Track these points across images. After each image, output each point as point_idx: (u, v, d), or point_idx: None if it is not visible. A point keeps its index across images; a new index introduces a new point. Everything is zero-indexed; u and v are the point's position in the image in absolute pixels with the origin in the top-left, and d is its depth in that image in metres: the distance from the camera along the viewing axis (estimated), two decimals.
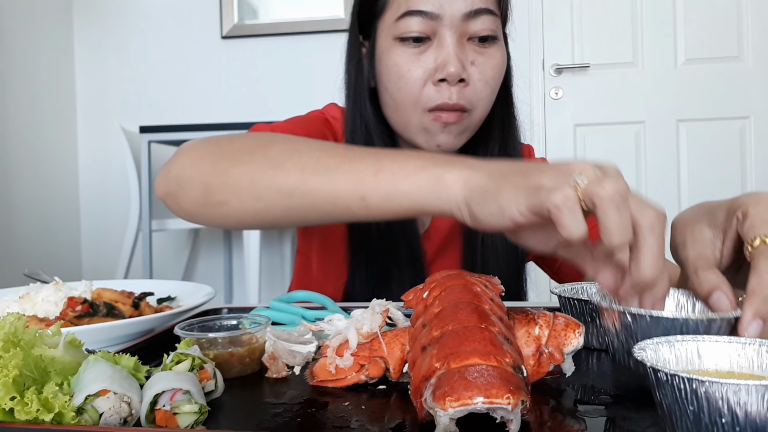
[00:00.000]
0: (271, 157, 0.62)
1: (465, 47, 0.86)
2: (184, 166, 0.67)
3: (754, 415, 0.34)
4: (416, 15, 0.84)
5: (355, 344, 0.54)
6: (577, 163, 0.48)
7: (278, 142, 0.65)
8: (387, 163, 0.57)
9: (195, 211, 0.67)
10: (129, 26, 3.23)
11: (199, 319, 0.62)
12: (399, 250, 0.92)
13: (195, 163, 0.67)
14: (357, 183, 0.57)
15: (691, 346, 0.44)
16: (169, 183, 0.68)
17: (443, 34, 0.84)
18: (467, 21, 0.84)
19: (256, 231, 2.61)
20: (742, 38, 2.91)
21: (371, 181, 0.56)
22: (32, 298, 0.83)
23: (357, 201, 0.57)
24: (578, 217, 0.45)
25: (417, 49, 0.86)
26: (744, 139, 2.93)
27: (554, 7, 3.03)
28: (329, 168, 0.59)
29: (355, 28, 0.95)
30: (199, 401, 0.44)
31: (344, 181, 0.57)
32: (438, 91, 0.85)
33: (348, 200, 0.57)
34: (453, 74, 0.83)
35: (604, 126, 2.98)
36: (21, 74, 2.88)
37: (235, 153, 0.65)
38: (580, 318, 0.64)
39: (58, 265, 3.04)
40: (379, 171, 0.56)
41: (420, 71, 0.85)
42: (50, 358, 0.46)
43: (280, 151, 0.62)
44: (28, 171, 2.91)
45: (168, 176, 0.68)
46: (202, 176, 0.65)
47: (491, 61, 0.88)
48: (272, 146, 0.64)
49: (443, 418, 0.38)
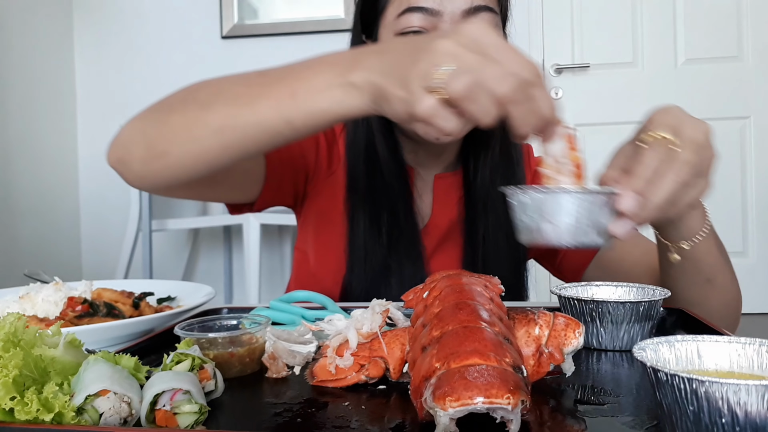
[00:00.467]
0: (200, 101, 0.66)
1: None
2: (126, 131, 0.73)
3: (754, 415, 0.34)
4: (417, 11, 0.85)
5: (355, 344, 0.54)
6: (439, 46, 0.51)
7: (204, 86, 0.69)
8: (299, 83, 0.60)
9: (142, 170, 0.71)
10: (129, 26, 3.23)
11: (199, 319, 0.62)
12: (399, 245, 0.93)
13: (135, 124, 0.72)
14: (279, 109, 0.61)
15: (691, 346, 0.44)
16: (116, 149, 0.73)
17: (444, 28, 0.85)
18: (467, 17, 0.86)
19: (256, 231, 2.61)
20: (742, 38, 2.91)
21: (291, 104, 0.60)
22: (32, 298, 0.83)
23: (284, 125, 0.61)
24: (446, 116, 0.52)
25: None
26: (744, 139, 2.93)
27: (554, 7, 3.03)
28: (252, 99, 0.62)
29: (357, 26, 0.96)
30: (199, 401, 0.44)
31: (267, 108, 0.61)
32: None
33: (276, 126, 0.62)
34: None
35: (604, 126, 2.98)
36: (21, 74, 2.88)
37: (169, 105, 0.70)
38: (580, 318, 0.64)
39: (58, 265, 3.04)
40: (294, 93, 0.60)
41: None
42: (50, 358, 0.46)
43: (206, 94, 0.67)
44: (29, 171, 2.91)
45: (115, 144, 0.73)
46: (143, 133, 0.70)
47: None
48: (199, 91, 0.68)
49: (443, 418, 0.38)
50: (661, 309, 0.68)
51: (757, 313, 2.92)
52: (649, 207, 0.56)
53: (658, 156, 0.58)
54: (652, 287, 0.68)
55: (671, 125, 0.59)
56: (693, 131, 0.59)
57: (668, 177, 0.57)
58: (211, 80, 0.70)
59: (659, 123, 0.60)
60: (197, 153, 0.67)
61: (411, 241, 0.94)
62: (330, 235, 0.98)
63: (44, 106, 3.05)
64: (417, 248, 0.94)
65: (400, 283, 0.91)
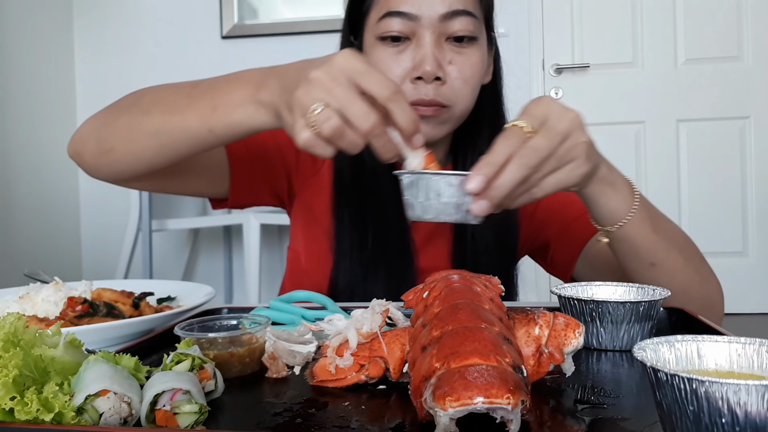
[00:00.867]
0: (142, 106, 0.79)
1: (443, 47, 0.89)
2: (83, 127, 0.85)
3: (754, 415, 0.34)
4: (396, 16, 0.87)
5: (355, 344, 0.54)
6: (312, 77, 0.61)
7: (148, 92, 0.81)
8: (220, 98, 0.71)
9: (94, 162, 0.83)
10: (129, 26, 3.23)
11: (199, 319, 0.62)
12: (387, 239, 0.94)
13: (91, 122, 0.84)
14: (203, 119, 0.72)
15: (691, 346, 0.44)
16: (74, 143, 0.85)
17: (422, 34, 0.87)
18: (445, 22, 0.88)
19: (256, 231, 2.61)
20: (742, 38, 2.91)
21: (213, 116, 0.71)
22: (32, 298, 0.83)
23: (207, 133, 0.73)
24: (322, 147, 0.61)
25: (396, 49, 0.89)
26: (744, 139, 2.93)
27: (554, 7, 3.03)
28: (182, 108, 0.74)
29: (346, 27, 0.99)
30: (199, 401, 0.44)
31: (193, 118, 0.73)
32: (415, 88, 0.88)
33: (201, 133, 0.73)
34: (428, 73, 0.86)
35: (604, 126, 2.98)
36: (21, 74, 2.88)
37: (118, 108, 0.83)
38: (580, 318, 0.64)
39: (58, 265, 3.04)
40: (216, 107, 0.71)
41: (399, 69, 0.88)
42: (50, 358, 0.46)
43: (148, 100, 0.79)
44: (29, 171, 2.91)
45: (74, 138, 0.85)
46: (96, 131, 0.83)
47: (469, 60, 0.90)
48: (143, 97, 0.80)
49: (443, 418, 0.38)
50: (661, 309, 0.68)
51: (757, 313, 2.92)
52: (496, 188, 0.61)
53: (508, 143, 0.62)
54: (652, 287, 0.68)
55: (536, 115, 0.64)
56: (555, 120, 0.64)
57: (514, 161, 0.61)
58: (154, 87, 0.82)
59: (526, 113, 0.65)
60: (137, 152, 0.79)
61: (399, 235, 0.95)
62: (318, 230, 0.99)
63: (44, 106, 3.05)
64: (405, 243, 0.95)
65: (387, 278, 0.93)
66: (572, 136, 0.64)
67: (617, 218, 0.75)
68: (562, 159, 0.65)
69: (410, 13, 0.87)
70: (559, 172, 0.65)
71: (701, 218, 2.92)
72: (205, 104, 0.72)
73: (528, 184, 0.64)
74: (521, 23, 3.03)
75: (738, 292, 2.89)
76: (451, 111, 0.91)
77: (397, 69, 0.89)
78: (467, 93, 0.92)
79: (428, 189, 0.64)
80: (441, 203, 0.63)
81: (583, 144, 0.65)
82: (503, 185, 0.61)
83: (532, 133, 0.63)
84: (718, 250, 2.95)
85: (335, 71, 0.61)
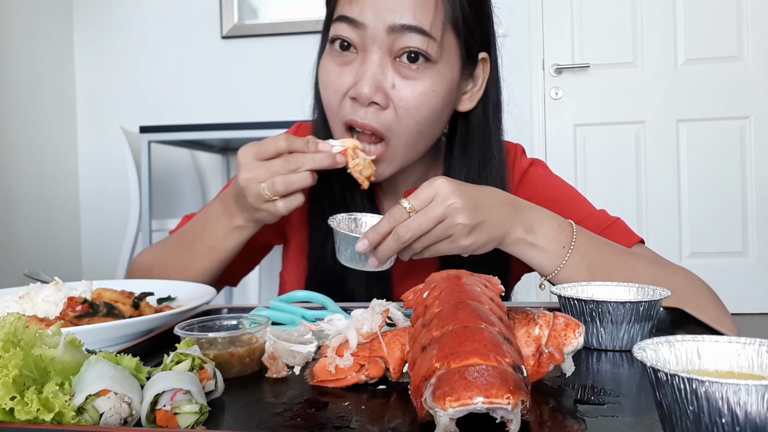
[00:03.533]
0: (153, 275, 1.01)
1: (388, 68, 0.82)
2: (141, 260, 1.09)
3: (754, 415, 0.34)
4: (344, 21, 0.83)
5: (355, 344, 0.54)
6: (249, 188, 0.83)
7: (146, 260, 1.07)
8: (210, 238, 0.94)
9: None
10: (129, 26, 3.24)
11: (199, 319, 0.62)
12: None
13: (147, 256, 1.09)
14: (210, 258, 0.95)
15: (691, 346, 0.44)
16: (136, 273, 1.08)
17: (369, 48, 0.82)
18: (393, 36, 0.81)
19: None
20: (742, 38, 2.91)
21: (214, 253, 0.95)
22: (32, 298, 0.83)
23: (219, 263, 0.96)
24: (291, 199, 0.83)
25: (342, 59, 0.85)
26: (744, 139, 2.93)
27: (554, 7, 3.03)
28: (189, 263, 0.98)
29: (324, 27, 0.94)
30: (199, 401, 0.44)
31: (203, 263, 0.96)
32: (353, 107, 0.84)
33: (215, 266, 0.97)
34: (363, 96, 0.81)
35: (604, 126, 2.98)
36: (21, 75, 2.88)
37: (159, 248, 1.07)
38: (580, 318, 0.64)
39: (58, 265, 3.04)
40: (213, 247, 0.94)
41: (339, 83, 0.84)
42: (50, 358, 0.46)
43: (158, 272, 1.01)
44: (29, 171, 2.91)
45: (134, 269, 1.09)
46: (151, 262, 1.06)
47: (417, 88, 0.82)
48: (152, 271, 1.03)
49: (443, 418, 0.38)
50: (661, 309, 0.68)
51: (757, 313, 2.93)
52: (380, 252, 0.76)
53: (391, 218, 0.74)
54: (652, 287, 0.68)
55: (422, 198, 0.75)
56: (436, 204, 0.74)
57: (391, 235, 0.74)
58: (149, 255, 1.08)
59: (415, 194, 0.75)
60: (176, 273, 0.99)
61: None
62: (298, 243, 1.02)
63: (44, 106, 3.05)
64: None
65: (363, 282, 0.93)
66: (448, 219, 0.74)
67: (546, 271, 0.82)
68: (439, 236, 0.75)
69: (356, 19, 0.81)
70: (438, 245, 0.77)
71: (701, 218, 2.92)
72: (203, 248, 0.95)
73: (410, 250, 0.77)
74: (521, 23, 3.03)
75: (738, 292, 2.90)
76: (392, 147, 0.85)
77: (338, 82, 0.84)
78: (409, 126, 0.84)
79: (340, 241, 0.79)
80: (353, 254, 0.78)
81: (459, 226, 0.75)
82: (384, 251, 0.75)
83: (411, 213, 0.74)
84: (718, 250, 2.96)
85: (246, 165, 0.81)
